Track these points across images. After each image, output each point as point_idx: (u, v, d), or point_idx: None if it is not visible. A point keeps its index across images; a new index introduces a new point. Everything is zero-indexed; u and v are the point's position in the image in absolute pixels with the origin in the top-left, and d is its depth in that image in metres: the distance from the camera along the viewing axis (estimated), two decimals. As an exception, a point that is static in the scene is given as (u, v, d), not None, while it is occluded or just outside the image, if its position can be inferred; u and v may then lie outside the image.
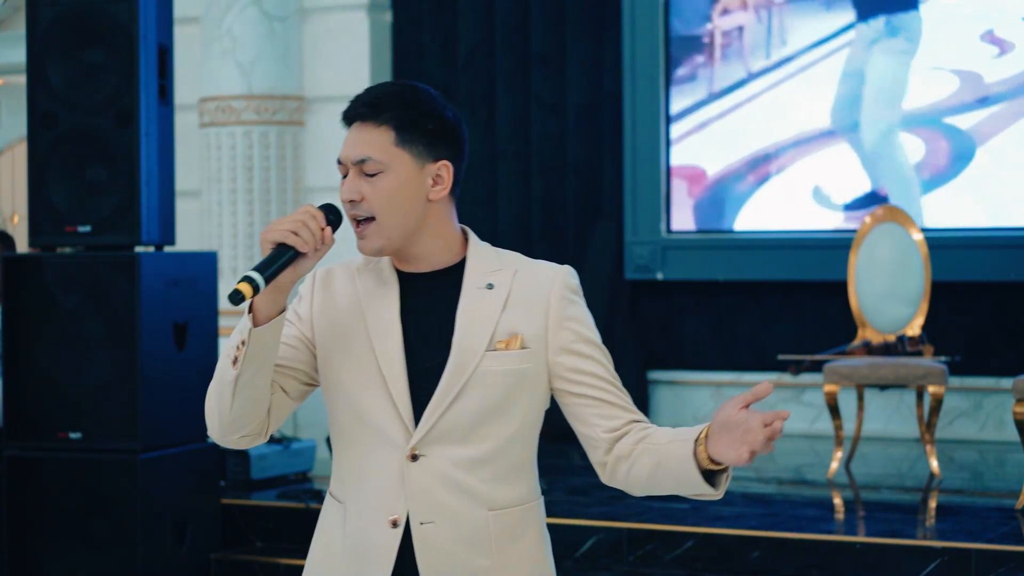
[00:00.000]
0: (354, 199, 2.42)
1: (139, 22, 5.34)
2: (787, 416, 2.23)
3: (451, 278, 2.47)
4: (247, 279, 2.30)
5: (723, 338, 7.87)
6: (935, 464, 6.30)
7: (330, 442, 2.72)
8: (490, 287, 2.46)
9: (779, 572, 5.24)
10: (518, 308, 2.45)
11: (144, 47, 5.36)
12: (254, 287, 2.30)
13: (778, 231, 7.66)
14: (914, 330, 6.56)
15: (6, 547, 5.43)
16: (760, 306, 7.80)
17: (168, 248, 5.60)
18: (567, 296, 2.48)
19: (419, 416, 2.42)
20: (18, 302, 5.44)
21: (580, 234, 7.96)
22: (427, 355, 2.44)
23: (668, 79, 7.82)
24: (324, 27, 8.14)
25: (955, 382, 7.11)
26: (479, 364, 2.42)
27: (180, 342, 5.50)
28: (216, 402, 2.43)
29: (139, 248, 5.45)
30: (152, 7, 5.41)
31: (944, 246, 7.05)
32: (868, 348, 6.49)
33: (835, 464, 6.32)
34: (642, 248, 7.82)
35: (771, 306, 7.78)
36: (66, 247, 5.48)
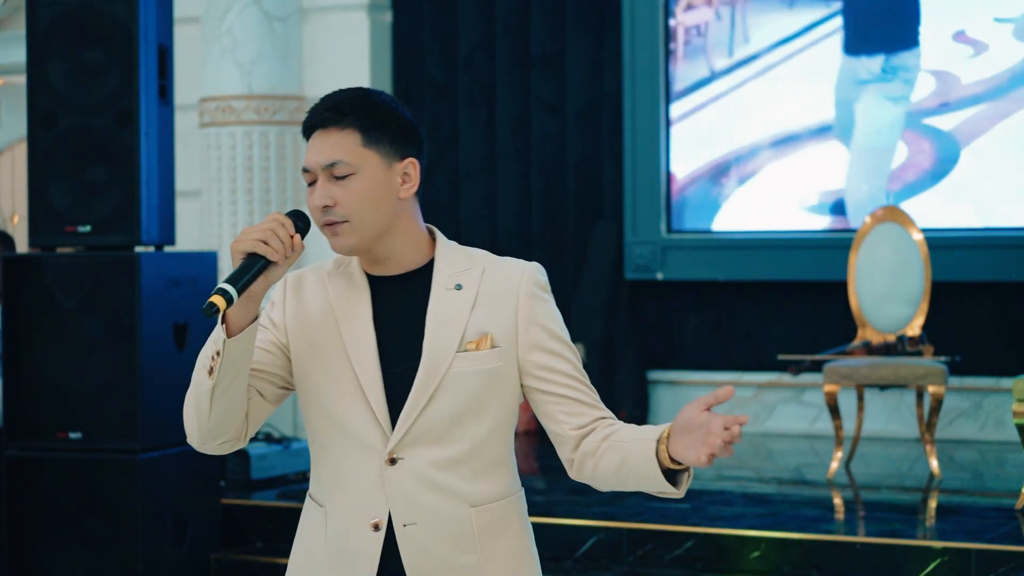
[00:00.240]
0: (327, 204, 2.43)
1: (139, 22, 5.34)
2: (746, 421, 2.26)
3: (420, 280, 2.49)
4: (220, 292, 2.32)
5: (723, 338, 7.87)
6: (935, 464, 6.29)
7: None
8: (459, 287, 2.47)
9: (779, 572, 5.24)
10: (487, 307, 2.47)
11: (144, 47, 5.36)
12: (227, 299, 2.32)
13: (778, 231, 7.66)
14: (914, 330, 6.56)
15: (6, 547, 5.43)
16: (760, 306, 7.80)
17: (168, 248, 5.60)
18: (535, 293, 2.50)
19: (395, 420, 2.44)
20: (18, 302, 5.44)
21: (580, 234, 7.96)
22: (400, 359, 2.46)
23: (668, 79, 7.82)
24: (324, 27, 8.14)
25: (955, 382, 7.11)
26: (450, 366, 2.44)
27: (180, 342, 5.50)
28: (194, 411, 2.47)
29: (139, 248, 5.45)
30: (152, 7, 5.41)
31: (944, 246, 7.04)
32: (868, 348, 6.49)
33: (835, 464, 6.32)
34: (642, 248, 7.82)
35: (771, 306, 7.78)
36: (66, 247, 5.48)
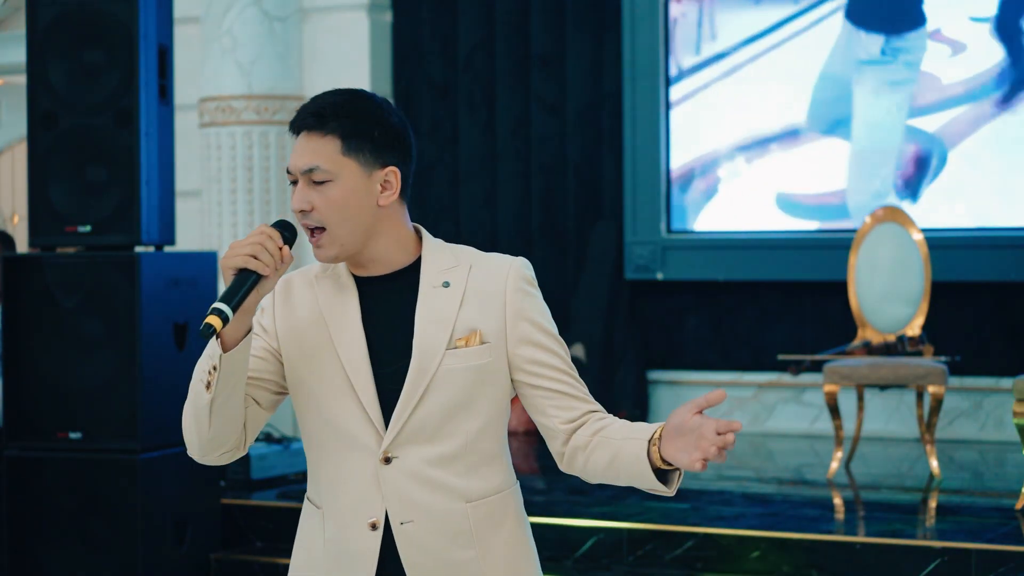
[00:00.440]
0: (304, 209, 2.44)
1: (139, 22, 5.34)
2: (739, 428, 2.26)
3: (408, 279, 2.51)
4: (216, 312, 2.34)
5: (723, 338, 7.87)
6: (935, 464, 6.29)
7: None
8: (446, 285, 2.49)
9: (779, 572, 5.24)
10: (475, 303, 2.48)
11: (144, 47, 5.36)
12: (223, 319, 2.34)
13: (779, 231, 7.65)
14: (914, 330, 6.56)
15: (6, 547, 5.43)
16: (760, 306, 7.80)
17: (168, 248, 5.60)
18: (523, 288, 2.51)
19: (388, 419, 2.45)
20: (18, 302, 5.44)
21: (580, 234, 7.96)
22: (390, 358, 2.47)
23: (668, 79, 7.82)
24: (324, 27, 8.14)
25: (955, 382, 7.10)
26: (441, 363, 2.45)
27: (180, 342, 5.50)
28: (193, 424, 2.47)
29: (139, 248, 5.45)
30: (152, 7, 5.41)
31: (944, 246, 7.04)
32: (868, 348, 6.49)
33: (835, 464, 6.32)
34: (642, 248, 7.82)
35: (771, 306, 7.77)
36: (66, 247, 5.48)
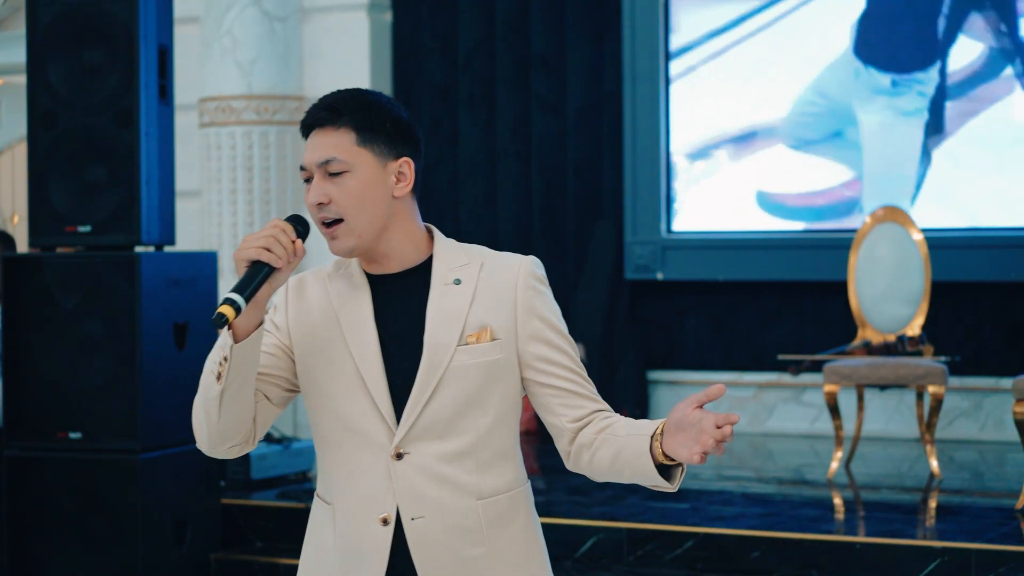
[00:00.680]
0: (322, 201, 2.47)
1: (139, 22, 5.34)
2: (737, 420, 2.29)
3: (419, 277, 2.53)
4: (228, 302, 2.36)
5: (723, 338, 7.87)
6: (935, 464, 6.29)
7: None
8: (457, 282, 2.51)
9: (779, 572, 5.24)
10: (486, 301, 2.50)
11: (144, 47, 5.36)
12: (236, 309, 2.37)
13: (778, 231, 7.66)
14: (914, 330, 6.56)
15: (6, 547, 5.43)
16: (760, 306, 7.80)
17: (168, 248, 5.60)
18: (533, 286, 2.53)
19: (400, 415, 2.47)
20: (18, 302, 5.44)
21: (580, 234, 7.96)
22: (402, 355, 2.49)
23: (668, 79, 7.82)
24: (324, 27, 8.14)
25: (955, 382, 7.11)
26: (452, 360, 2.47)
27: (180, 342, 5.50)
28: (203, 416, 2.48)
29: (139, 248, 5.45)
30: (152, 7, 5.41)
31: (945, 246, 7.04)
32: (868, 348, 6.49)
33: (835, 464, 6.32)
34: (642, 248, 7.82)
35: (771, 306, 7.77)
36: (66, 247, 5.48)
